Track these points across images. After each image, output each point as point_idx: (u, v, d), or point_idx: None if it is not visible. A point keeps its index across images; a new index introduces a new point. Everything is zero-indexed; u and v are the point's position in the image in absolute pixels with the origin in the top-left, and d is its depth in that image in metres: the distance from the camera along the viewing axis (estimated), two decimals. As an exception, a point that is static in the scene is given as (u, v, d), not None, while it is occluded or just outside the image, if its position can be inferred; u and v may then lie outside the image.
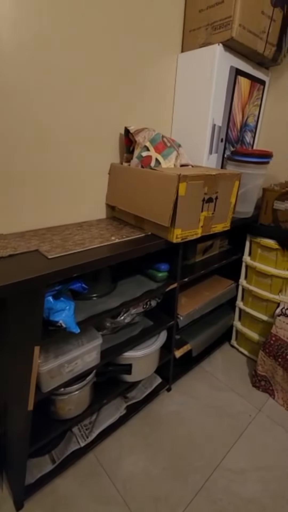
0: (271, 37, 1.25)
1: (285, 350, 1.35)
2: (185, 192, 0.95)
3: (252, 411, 1.36)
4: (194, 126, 1.31)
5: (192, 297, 1.44)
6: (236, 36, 1.10)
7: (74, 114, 1.05)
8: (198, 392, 1.45)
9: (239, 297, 1.63)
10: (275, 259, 1.40)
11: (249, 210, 1.42)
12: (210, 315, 1.64)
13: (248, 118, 1.46)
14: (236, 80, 1.27)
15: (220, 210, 1.13)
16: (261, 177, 1.36)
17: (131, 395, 1.34)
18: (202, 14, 1.17)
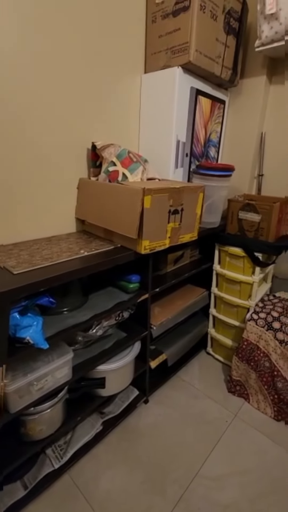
0: (226, 61, 1.36)
1: (256, 353, 1.40)
2: (150, 205, 0.98)
3: (228, 417, 1.38)
4: (160, 142, 1.37)
5: (165, 306, 1.46)
6: (194, 60, 1.18)
7: (42, 130, 1.07)
8: (176, 401, 1.45)
9: (212, 305, 1.68)
10: (242, 266, 1.47)
11: (216, 220, 1.49)
12: (185, 323, 1.68)
13: (211, 134, 1.55)
14: (197, 100, 1.36)
15: (186, 221, 1.17)
16: (225, 189, 1.43)
17: (108, 410, 1.32)
18: (162, 39, 1.25)
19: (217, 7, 1.21)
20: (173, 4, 1.18)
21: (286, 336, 1.33)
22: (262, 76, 1.46)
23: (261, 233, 1.41)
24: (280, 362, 1.34)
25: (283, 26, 1.19)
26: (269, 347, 1.36)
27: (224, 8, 1.24)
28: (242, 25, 1.37)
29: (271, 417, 1.38)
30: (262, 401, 1.42)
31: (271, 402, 1.38)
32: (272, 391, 1.37)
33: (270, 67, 1.46)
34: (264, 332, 1.38)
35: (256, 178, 1.66)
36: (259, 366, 1.39)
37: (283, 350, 1.33)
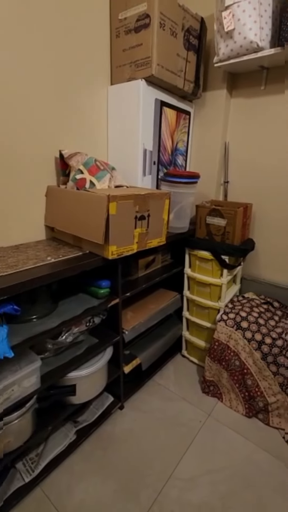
0: (188, 75, 1.44)
1: (227, 353, 1.44)
2: (115, 211, 1.01)
3: (202, 417, 1.40)
4: (127, 150, 1.41)
5: (137, 311, 1.48)
6: (156, 74, 1.24)
7: (9, 138, 1.07)
8: (151, 406, 1.46)
9: (185, 307, 1.72)
10: (211, 269, 1.52)
11: (185, 225, 1.54)
12: (159, 327, 1.70)
13: (178, 144, 1.62)
14: (162, 111, 1.42)
15: (153, 227, 1.21)
16: (192, 195, 1.49)
17: (82, 419, 1.31)
18: (126, 53, 1.30)
19: (176, 25, 1.28)
20: (135, 21, 1.24)
21: (253, 334, 1.39)
22: (222, 89, 1.55)
23: (227, 236, 1.47)
24: (249, 360, 1.39)
25: (238, 44, 1.28)
26: (238, 346, 1.41)
27: (183, 26, 1.32)
28: (201, 42, 1.46)
29: (242, 414, 1.42)
30: (234, 399, 1.46)
31: (242, 399, 1.43)
32: (243, 389, 1.42)
33: (229, 81, 1.55)
34: (234, 331, 1.43)
35: (222, 185, 1.74)
36: (230, 365, 1.44)
37: (251, 348, 1.38)
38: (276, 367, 1.34)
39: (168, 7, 1.21)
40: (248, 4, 1.21)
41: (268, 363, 1.35)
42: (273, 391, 1.35)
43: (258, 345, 1.37)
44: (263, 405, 1.37)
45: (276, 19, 1.26)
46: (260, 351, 1.37)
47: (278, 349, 1.34)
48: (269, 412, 1.37)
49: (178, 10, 1.28)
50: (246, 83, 1.54)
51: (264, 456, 1.22)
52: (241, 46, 1.28)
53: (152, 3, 1.17)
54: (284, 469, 1.17)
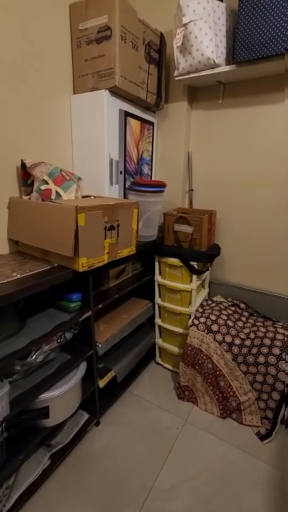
0: (150, 87, 1.47)
1: (200, 356, 1.47)
2: (84, 222, 0.99)
3: (179, 424, 1.41)
4: (93, 160, 1.39)
5: (110, 322, 1.45)
6: (119, 85, 1.25)
7: None
8: (128, 418, 1.43)
9: (157, 315, 1.73)
10: (180, 275, 1.55)
11: (154, 233, 1.56)
12: (133, 336, 1.68)
13: (143, 153, 1.64)
14: (126, 121, 1.43)
15: (123, 236, 1.20)
16: (160, 203, 1.51)
17: (56, 441, 1.24)
18: (88, 63, 1.30)
19: (138, 39, 1.31)
20: (96, 32, 1.24)
21: (223, 337, 1.44)
22: (183, 102, 1.61)
23: (194, 243, 1.52)
24: (221, 362, 1.43)
25: (196, 60, 1.35)
26: (210, 349, 1.45)
27: (144, 40, 1.35)
28: (162, 56, 1.50)
29: (217, 416, 1.45)
30: (209, 402, 1.49)
31: (217, 401, 1.46)
32: (217, 391, 1.46)
33: (189, 94, 1.62)
34: (205, 335, 1.47)
35: (187, 193, 1.80)
36: (203, 369, 1.47)
37: (222, 350, 1.43)
38: (246, 366, 1.40)
39: (128, 21, 1.23)
40: (204, 23, 1.28)
41: (239, 363, 1.41)
42: (244, 390, 1.41)
43: (229, 347, 1.42)
44: (236, 404, 1.42)
45: (230, 38, 1.35)
46: (230, 352, 1.42)
47: (247, 349, 1.40)
48: (242, 411, 1.42)
49: (139, 24, 1.31)
50: (205, 96, 1.61)
51: (238, 454, 1.26)
52: (199, 62, 1.34)
53: (113, 16, 1.18)
54: (257, 464, 1.22)
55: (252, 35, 1.21)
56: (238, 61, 1.27)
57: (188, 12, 1.29)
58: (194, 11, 1.28)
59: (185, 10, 1.29)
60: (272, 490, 1.12)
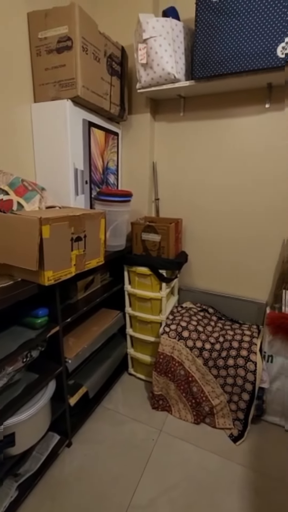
0: (113, 98, 1.48)
1: (172, 364, 1.48)
2: (49, 234, 0.95)
3: (154, 435, 1.39)
4: (57, 170, 1.36)
5: (80, 336, 1.41)
6: (82, 95, 1.25)
7: None
8: (102, 434, 1.38)
9: (128, 325, 1.71)
10: (150, 283, 1.56)
11: (122, 243, 1.55)
12: (104, 348, 1.64)
13: (108, 163, 1.64)
14: (90, 131, 1.42)
15: (91, 247, 1.18)
16: (127, 213, 1.52)
17: (24, 469, 1.15)
18: (48, 72, 1.27)
19: (99, 51, 1.32)
20: (56, 42, 1.22)
21: (194, 342, 1.46)
22: (146, 113, 1.65)
23: (162, 251, 1.54)
24: (192, 367, 1.45)
25: (157, 74, 1.39)
26: (182, 356, 1.46)
27: (105, 52, 1.36)
28: (123, 69, 1.53)
29: (191, 422, 1.46)
30: (182, 409, 1.50)
31: (190, 407, 1.47)
32: (190, 397, 1.47)
33: (152, 106, 1.66)
34: (176, 342, 1.48)
35: (153, 202, 1.83)
36: (176, 376, 1.48)
37: (193, 356, 1.45)
38: (217, 370, 1.43)
39: (89, 33, 1.24)
40: (163, 39, 1.33)
41: (210, 367, 1.44)
42: (216, 393, 1.44)
43: (200, 352, 1.45)
44: (208, 409, 1.44)
45: (188, 55, 1.41)
46: (201, 357, 1.44)
47: (217, 353, 1.44)
48: (215, 415, 1.45)
49: (100, 37, 1.32)
50: (167, 109, 1.67)
51: (214, 459, 1.27)
52: (160, 76, 1.39)
53: (73, 27, 1.18)
54: (231, 467, 1.24)
55: (208, 54, 1.28)
56: (196, 77, 1.33)
57: (147, 28, 1.33)
58: (154, 28, 1.32)
59: (144, 26, 1.33)
60: (247, 491, 1.14)
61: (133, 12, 1.46)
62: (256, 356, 1.37)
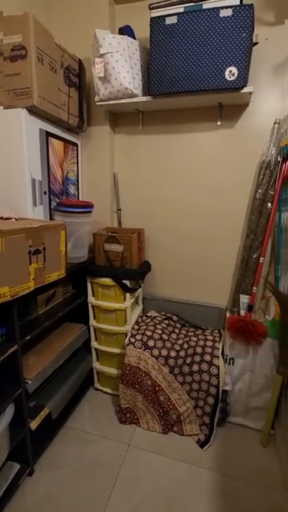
0: (72, 110, 1.48)
1: (139, 375, 1.47)
2: (4, 248, 0.90)
3: (122, 450, 1.35)
4: (13, 180, 1.30)
5: (41, 353, 1.33)
6: (38, 105, 1.22)
7: None
8: (67, 457, 1.31)
9: (93, 338, 1.66)
10: (114, 294, 1.54)
11: (84, 254, 1.52)
12: (68, 364, 1.58)
13: (68, 173, 1.61)
14: (48, 141, 1.39)
15: (51, 260, 1.14)
16: (88, 224, 1.50)
17: (-21, 507, 1.04)
18: (1, 79, 1.23)
19: (55, 62, 1.31)
20: (10, 50, 1.19)
21: (159, 351, 1.47)
22: (106, 125, 1.67)
23: (125, 261, 1.54)
24: (159, 376, 1.46)
25: (115, 89, 1.42)
26: (148, 366, 1.46)
27: (62, 64, 1.36)
28: (81, 81, 1.54)
29: (160, 432, 1.45)
30: (150, 420, 1.48)
31: (158, 417, 1.47)
32: (157, 407, 1.46)
33: (111, 119, 1.69)
34: (142, 352, 1.47)
35: (115, 212, 1.83)
36: (143, 387, 1.46)
37: (159, 365, 1.46)
38: (182, 376, 1.45)
39: (44, 43, 1.23)
40: (120, 56, 1.37)
41: (175, 374, 1.46)
42: (183, 400, 1.45)
43: (165, 360, 1.46)
44: (176, 417, 1.45)
45: (144, 72, 1.47)
46: (167, 366, 1.46)
47: (182, 360, 1.46)
48: (182, 422, 1.46)
49: (56, 48, 1.31)
50: (127, 122, 1.70)
51: (182, 467, 1.28)
52: (118, 91, 1.42)
53: (28, 37, 1.16)
54: (200, 473, 1.25)
55: (163, 73, 1.34)
56: (153, 93, 1.39)
57: (104, 44, 1.36)
58: (110, 44, 1.36)
59: (101, 41, 1.36)
60: (215, 495, 1.16)
61: (89, 27, 1.48)
62: (218, 360, 1.42)
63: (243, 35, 1.21)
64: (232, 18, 1.21)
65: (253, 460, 1.32)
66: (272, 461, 1.32)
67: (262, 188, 1.44)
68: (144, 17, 1.37)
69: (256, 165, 1.51)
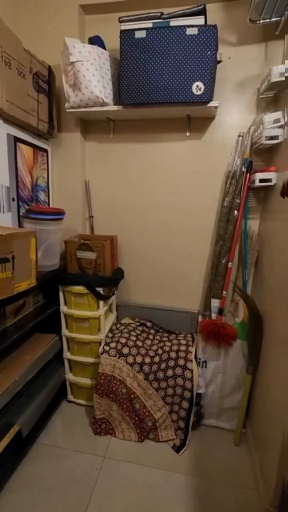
0: (41, 115, 1.45)
1: (113, 383, 1.45)
2: None
3: (98, 463, 1.32)
4: (-22, 185, 1.24)
5: (10, 367, 1.27)
6: (6, 110, 1.19)
7: None
8: (39, 476, 1.25)
9: (65, 348, 1.62)
10: (87, 302, 1.52)
11: (55, 262, 1.49)
12: (39, 377, 1.51)
13: (38, 180, 1.57)
14: (16, 146, 1.35)
15: (20, 268, 1.10)
16: (59, 231, 1.47)
17: None
18: None
19: (24, 67, 1.28)
20: (-25, 52, 1.15)
21: (134, 358, 1.47)
22: (77, 132, 1.66)
23: (99, 269, 1.53)
24: (134, 384, 1.45)
25: (86, 97, 1.42)
26: (123, 374, 1.45)
27: (31, 69, 1.34)
28: (51, 87, 1.52)
29: (135, 441, 1.44)
30: (126, 429, 1.47)
31: (134, 425, 1.45)
32: (133, 415, 1.45)
33: (82, 126, 1.69)
34: (117, 360, 1.46)
35: (87, 219, 1.81)
36: (118, 396, 1.45)
37: (134, 372, 1.45)
38: (157, 382, 1.46)
39: (12, 48, 1.20)
40: (90, 65, 1.38)
41: (150, 381, 1.46)
42: (158, 406, 1.46)
43: (140, 367, 1.46)
44: (151, 423, 1.45)
45: (115, 82, 1.49)
46: (142, 372, 1.46)
47: (157, 366, 1.47)
48: (157, 428, 1.46)
49: (24, 53, 1.29)
50: (98, 130, 1.71)
51: (159, 474, 1.27)
52: (89, 99, 1.42)
53: (-6, 40, 1.13)
54: (176, 478, 1.26)
55: (133, 84, 1.37)
56: (124, 103, 1.41)
57: (74, 52, 1.36)
58: (80, 53, 1.36)
59: (71, 50, 1.36)
60: (191, 499, 1.17)
61: (59, 35, 1.48)
62: (192, 363, 1.44)
63: (208, 53, 1.28)
64: (198, 36, 1.27)
65: (226, 460, 1.35)
66: (244, 459, 1.36)
67: (229, 197, 1.52)
68: (114, 29, 1.40)
69: (223, 175, 1.58)
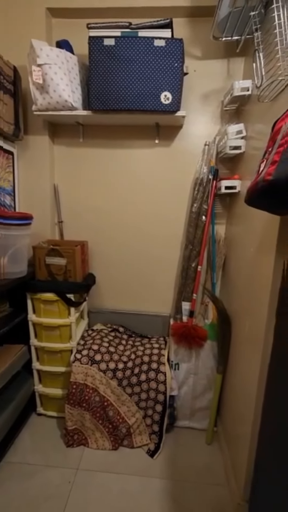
0: (7, 117, 1.40)
1: (86, 392, 1.42)
2: None
3: (71, 476, 1.28)
4: None
5: (-27, 382, 1.19)
6: None
7: None
8: (6, 497, 1.17)
9: (34, 358, 1.55)
10: (57, 310, 1.47)
11: (23, 269, 1.42)
12: (6, 391, 1.43)
13: (3, 183, 1.51)
14: (-21, 148, 1.29)
15: (-15, 276, 1.04)
16: (27, 236, 1.41)
17: None
18: None
19: (-13, 66, 1.23)
20: None
21: (107, 365, 1.45)
22: (45, 136, 1.62)
23: (69, 275, 1.49)
24: (107, 391, 1.43)
25: (54, 100, 1.40)
26: (96, 381, 1.42)
27: (-5, 69, 1.29)
28: (17, 88, 1.47)
29: (110, 449, 1.42)
30: (100, 438, 1.44)
31: (107, 434, 1.43)
32: (106, 423, 1.43)
33: (50, 129, 1.65)
34: (89, 368, 1.43)
35: (57, 224, 1.77)
36: (91, 404, 1.42)
37: (107, 379, 1.43)
38: (131, 388, 1.45)
39: (-25, 46, 1.15)
40: (58, 68, 1.36)
41: (124, 387, 1.45)
42: (132, 412, 1.45)
43: (113, 373, 1.44)
44: (126, 430, 1.43)
45: (84, 87, 1.49)
46: (115, 378, 1.44)
47: (130, 371, 1.47)
48: (132, 434, 1.45)
49: (-13, 52, 1.24)
50: (67, 134, 1.68)
51: (134, 481, 1.26)
52: (57, 102, 1.40)
53: None
54: (151, 483, 1.26)
55: (102, 90, 1.38)
56: (93, 109, 1.41)
57: (41, 55, 1.33)
58: (48, 56, 1.34)
59: (38, 52, 1.33)
60: (166, 502, 1.18)
61: (25, 36, 1.44)
62: (165, 366, 1.46)
63: (175, 64, 1.34)
64: (165, 48, 1.32)
65: (199, 460, 1.38)
66: (216, 457, 1.40)
67: (197, 203, 1.57)
68: (82, 34, 1.40)
69: (191, 181, 1.64)
